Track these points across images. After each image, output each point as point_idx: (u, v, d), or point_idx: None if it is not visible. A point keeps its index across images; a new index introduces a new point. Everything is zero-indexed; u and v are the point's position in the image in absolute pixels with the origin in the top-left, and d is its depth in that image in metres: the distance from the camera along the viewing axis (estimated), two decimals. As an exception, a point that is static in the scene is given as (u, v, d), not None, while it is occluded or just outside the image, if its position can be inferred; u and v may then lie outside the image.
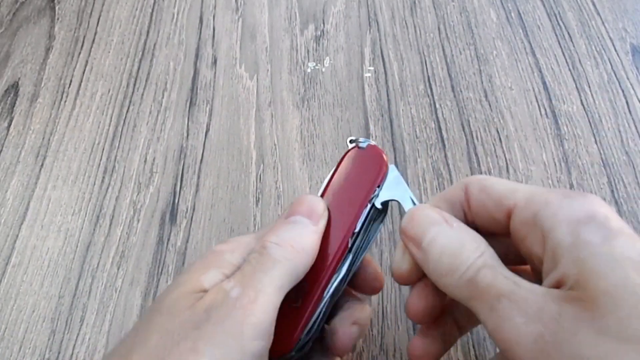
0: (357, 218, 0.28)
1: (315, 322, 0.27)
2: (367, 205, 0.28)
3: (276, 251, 0.25)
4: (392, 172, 0.29)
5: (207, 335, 0.22)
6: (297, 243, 0.26)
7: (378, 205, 0.28)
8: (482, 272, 0.23)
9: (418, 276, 0.27)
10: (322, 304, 0.27)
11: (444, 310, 0.28)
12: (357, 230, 0.28)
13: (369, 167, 0.28)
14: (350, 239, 0.28)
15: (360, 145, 0.29)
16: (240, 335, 0.22)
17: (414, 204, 0.28)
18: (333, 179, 0.29)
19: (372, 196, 0.28)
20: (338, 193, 0.29)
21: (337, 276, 0.27)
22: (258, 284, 0.24)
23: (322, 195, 0.29)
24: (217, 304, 0.23)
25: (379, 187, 0.28)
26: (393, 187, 0.28)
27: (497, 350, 0.29)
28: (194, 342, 0.22)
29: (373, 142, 0.29)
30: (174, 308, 0.24)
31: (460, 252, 0.24)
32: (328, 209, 0.28)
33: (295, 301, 0.27)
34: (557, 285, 0.21)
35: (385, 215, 0.29)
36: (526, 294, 0.21)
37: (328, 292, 0.27)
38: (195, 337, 0.22)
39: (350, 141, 0.30)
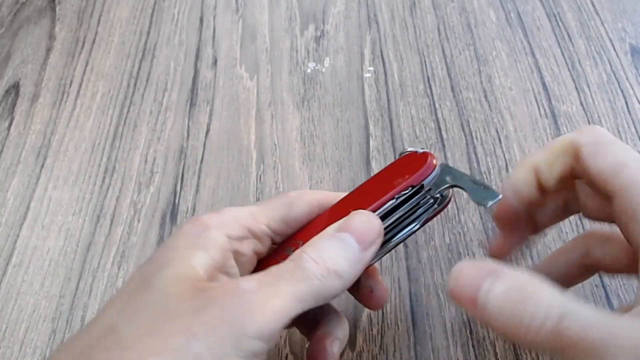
0: (374, 209, 0.27)
1: None
2: (393, 198, 0.27)
3: (310, 266, 0.23)
4: (446, 170, 0.28)
5: (206, 319, 0.21)
6: (336, 266, 0.24)
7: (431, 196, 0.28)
8: (564, 322, 0.20)
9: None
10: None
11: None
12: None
13: (411, 168, 0.28)
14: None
15: (418, 151, 0.29)
16: (241, 329, 0.21)
17: (481, 184, 0.27)
18: (374, 177, 0.30)
19: (402, 193, 0.27)
20: (368, 186, 0.29)
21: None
22: (278, 288, 0.22)
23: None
24: (225, 292, 0.22)
25: (419, 186, 0.27)
26: (445, 179, 0.28)
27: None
28: (190, 321, 0.21)
29: (429, 152, 0.28)
30: (166, 290, 0.22)
31: (522, 305, 0.21)
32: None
33: None
34: None
35: (439, 207, 0.28)
36: (629, 332, 0.19)
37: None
38: (192, 318, 0.21)
39: (402, 153, 0.30)
